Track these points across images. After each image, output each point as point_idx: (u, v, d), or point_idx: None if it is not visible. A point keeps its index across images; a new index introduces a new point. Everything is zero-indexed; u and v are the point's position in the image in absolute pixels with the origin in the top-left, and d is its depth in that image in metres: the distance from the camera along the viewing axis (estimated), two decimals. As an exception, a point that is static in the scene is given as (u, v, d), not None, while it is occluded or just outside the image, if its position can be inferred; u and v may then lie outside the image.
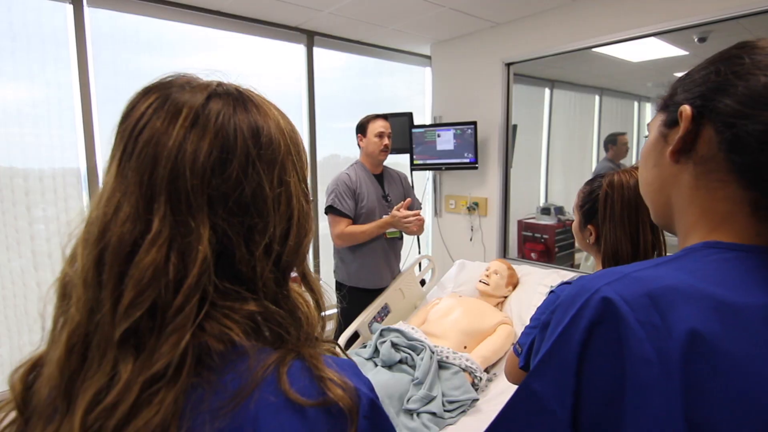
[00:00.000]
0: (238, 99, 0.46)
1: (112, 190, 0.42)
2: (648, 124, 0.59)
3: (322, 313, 0.51)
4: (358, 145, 2.42)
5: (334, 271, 2.49)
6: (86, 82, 2.27)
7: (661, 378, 0.41)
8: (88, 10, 2.25)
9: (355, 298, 2.37)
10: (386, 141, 2.37)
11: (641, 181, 0.60)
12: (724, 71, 0.49)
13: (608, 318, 0.44)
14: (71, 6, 2.21)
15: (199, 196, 0.42)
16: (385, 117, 2.41)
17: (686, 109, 0.50)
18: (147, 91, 0.45)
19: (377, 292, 2.42)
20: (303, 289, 0.51)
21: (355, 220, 2.31)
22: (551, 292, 1.04)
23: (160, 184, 0.41)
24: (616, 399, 0.43)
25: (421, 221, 2.28)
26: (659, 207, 0.58)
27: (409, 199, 2.28)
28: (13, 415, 0.46)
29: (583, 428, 0.45)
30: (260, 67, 3.01)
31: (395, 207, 2.27)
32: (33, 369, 0.46)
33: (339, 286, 2.44)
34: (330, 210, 2.28)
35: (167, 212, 0.41)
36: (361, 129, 2.39)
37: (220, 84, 0.47)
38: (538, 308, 1.06)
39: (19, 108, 2.16)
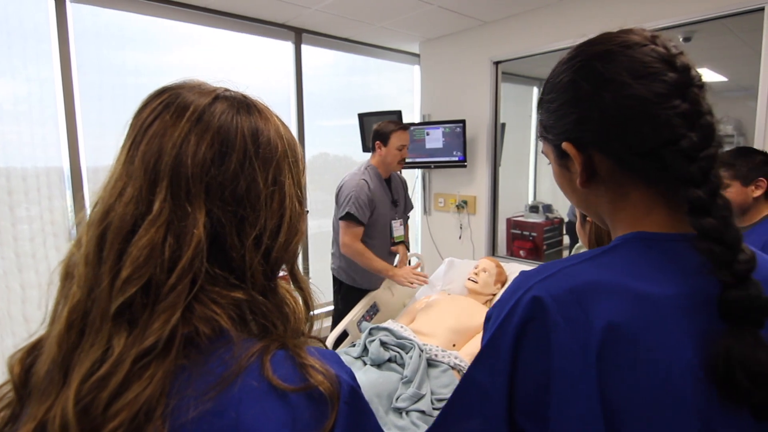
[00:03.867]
0: (242, 103, 0.50)
1: (119, 175, 0.45)
2: (542, 152, 0.63)
3: (311, 312, 0.53)
4: (372, 149, 2.37)
5: (334, 269, 2.48)
6: (69, 78, 2.22)
7: (582, 368, 0.46)
8: (70, 6, 2.20)
9: (351, 298, 2.38)
10: (406, 154, 2.37)
11: (573, 203, 0.64)
12: (571, 102, 0.53)
13: (538, 315, 0.48)
14: (53, 0, 2.16)
15: (197, 184, 0.45)
16: (407, 127, 2.38)
17: (569, 147, 0.54)
18: (161, 92, 0.49)
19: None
20: (292, 287, 0.53)
21: (366, 227, 2.30)
22: None
23: (164, 170, 0.44)
24: (545, 386, 0.47)
25: (425, 282, 2.38)
26: (596, 219, 0.62)
27: (418, 263, 2.41)
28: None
29: (518, 412, 0.50)
30: (247, 64, 2.97)
31: (398, 263, 2.35)
32: (31, 352, 0.47)
33: (338, 284, 2.44)
34: (348, 217, 2.24)
35: (168, 196, 0.44)
36: (382, 137, 2.33)
37: (227, 90, 0.51)
38: None
39: (0, 105, 2.11)
